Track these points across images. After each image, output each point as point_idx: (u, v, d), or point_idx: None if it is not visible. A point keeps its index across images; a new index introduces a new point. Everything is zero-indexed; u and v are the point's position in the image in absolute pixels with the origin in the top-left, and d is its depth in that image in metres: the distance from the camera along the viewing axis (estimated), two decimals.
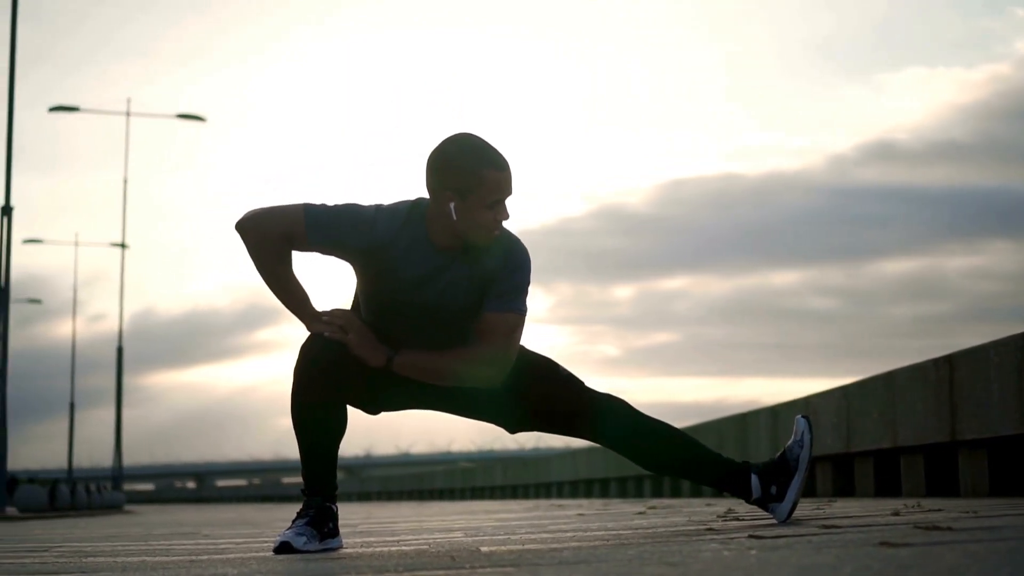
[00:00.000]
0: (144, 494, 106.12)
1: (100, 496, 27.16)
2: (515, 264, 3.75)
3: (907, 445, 7.77)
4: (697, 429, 13.62)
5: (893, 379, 8.01)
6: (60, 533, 8.27)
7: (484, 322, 3.73)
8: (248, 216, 3.76)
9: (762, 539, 2.88)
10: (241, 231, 3.76)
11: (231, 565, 3.35)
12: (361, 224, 3.69)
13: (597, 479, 19.35)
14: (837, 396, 9.22)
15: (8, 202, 19.41)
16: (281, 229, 3.70)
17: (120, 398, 35.85)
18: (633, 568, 2.24)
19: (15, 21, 20.20)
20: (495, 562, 2.75)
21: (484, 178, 3.62)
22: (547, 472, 23.93)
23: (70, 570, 3.57)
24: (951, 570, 1.76)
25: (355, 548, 3.94)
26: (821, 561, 2.06)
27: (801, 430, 3.90)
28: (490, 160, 3.64)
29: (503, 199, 3.67)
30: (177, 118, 34.78)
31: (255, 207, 3.77)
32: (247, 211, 3.78)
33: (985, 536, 2.46)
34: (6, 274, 19.27)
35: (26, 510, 21.90)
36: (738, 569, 2.04)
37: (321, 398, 3.74)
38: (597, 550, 2.95)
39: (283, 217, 3.70)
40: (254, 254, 3.77)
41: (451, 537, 4.47)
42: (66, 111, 33.05)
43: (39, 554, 4.77)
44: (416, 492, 39.66)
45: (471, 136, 3.71)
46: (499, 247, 3.75)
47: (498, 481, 29.20)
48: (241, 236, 3.77)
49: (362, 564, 3.03)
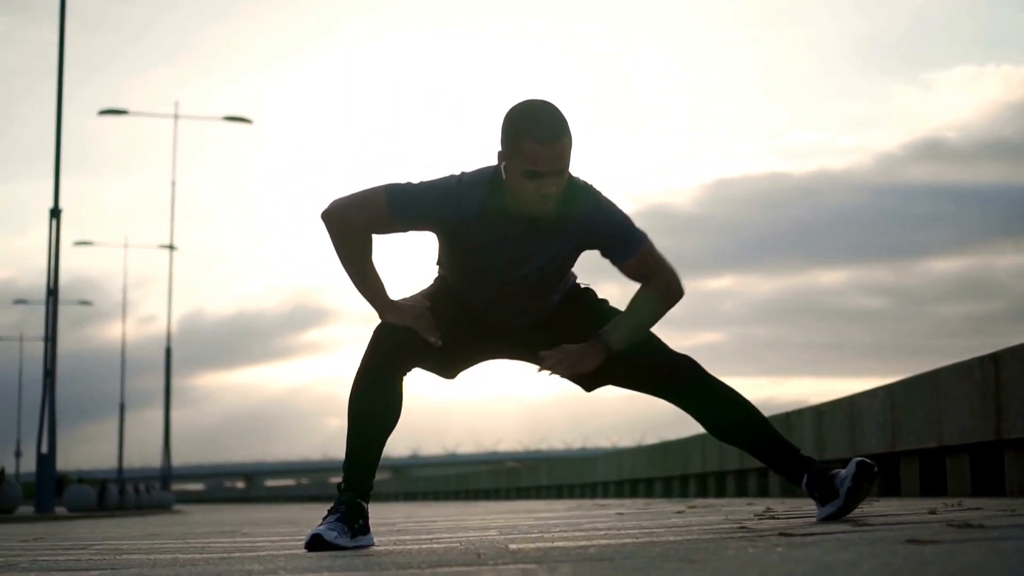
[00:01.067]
0: (194, 494, 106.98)
1: (149, 496, 27.39)
2: (606, 217, 3.75)
3: (952, 444, 7.67)
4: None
5: (938, 378, 7.91)
6: (103, 532, 8.32)
7: (632, 270, 3.80)
8: (333, 206, 3.77)
9: (791, 536, 2.84)
10: (327, 221, 3.78)
11: (259, 562, 3.35)
12: (446, 200, 3.69)
13: (642, 479, 19.27)
14: (882, 395, 9.12)
15: (57, 205, 19.60)
16: (365, 216, 3.72)
17: (169, 399, 36.17)
18: (654, 564, 2.21)
19: (63, 26, 20.40)
20: (519, 559, 2.72)
21: (521, 147, 3.58)
22: (592, 472, 23.86)
23: (101, 567, 3.58)
24: (972, 567, 1.72)
25: (386, 546, 3.92)
26: (843, 558, 2.02)
27: (854, 474, 3.71)
28: (534, 131, 3.56)
29: (542, 172, 3.57)
30: (224, 120, 35.02)
31: (339, 196, 3.79)
32: (332, 200, 3.79)
33: (1016, 534, 2.41)
34: (55, 276, 19.46)
35: (75, 510, 22.09)
36: (755, 566, 2.00)
37: (379, 387, 3.78)
38: (624, 547, 2.92)
39: (367, 203, 3.72)
40: (339, 244, 3.79)
41: (485, 535, 4.45)
42: (115, 114, 33.36)
43: (76, 552, 4.79)
44: (462, 492, 39.68)
45: (536, 103, 3.64)
46: (580, 210, 3.72)
47: (544, 481, 29.14)
48: (327, 226, 3.79)
49: (387, 561, 3.02)
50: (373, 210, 3.71)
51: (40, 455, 19.04)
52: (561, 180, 3.62)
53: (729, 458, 13.89)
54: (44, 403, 18.98)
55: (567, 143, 3.61)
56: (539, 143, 3.56)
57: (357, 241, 3.77)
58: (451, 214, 3.71)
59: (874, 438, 9.16)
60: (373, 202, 3.71)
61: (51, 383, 18.96)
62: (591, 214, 3.73)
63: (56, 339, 19.38)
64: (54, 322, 19.36)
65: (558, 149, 3.58)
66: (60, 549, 5.14)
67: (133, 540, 6.02)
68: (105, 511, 22.24)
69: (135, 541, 5.84)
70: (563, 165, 3.61)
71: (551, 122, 3.59)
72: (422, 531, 5.45)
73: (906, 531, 2.79)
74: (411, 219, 3.72)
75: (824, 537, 2.73)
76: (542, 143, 3.56)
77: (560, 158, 3.59)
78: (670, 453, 17.40)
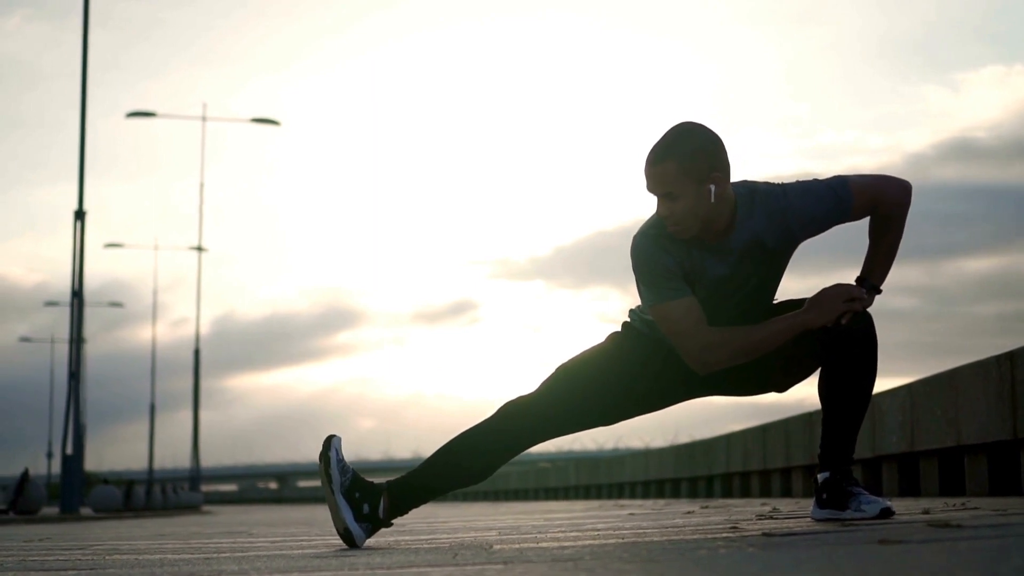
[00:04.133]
0: (227, 495, 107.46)
1: (176, 496, 27.49)
2: (794, 195, 3.69)
3: (970, 444, 7.57)
4: (767, 428, 13.45)
5: (956, 377, 7.80)
6: (115, 532, 8.33)
7: (860, 213, 3.73)
8: (702, 356, 3.69)
9: (771, 536, 2.78)
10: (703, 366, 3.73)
11: (239, 562, 3.31)
12: (666, 272, 3.67)
13: (668, 479, 19.21)
14: (901, 395, 9.02)
15: (81, 207, 19.69)
16: (696, 327, 3.66)
17: (197, 400, 36.32)
18: (610, 565, 2.15)
19: (87, 28, 20.50)
20: (491, 559, 2.68)
21: (645, 171, 3.65)
22: (620, 472, 23.81)
23: (80, 567, 3.56)
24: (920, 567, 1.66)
25: (376, 546, 3.88)
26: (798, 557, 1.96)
27: (868, 502, 3.64)
28: (648, 154, 3.66)
29: (654, 193, 3.64)
30: (252, 122, 35.15)
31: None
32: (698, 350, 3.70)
33: (987, 534, 2.34)
34: (80, 278, 19.55)
35: (100, 510, 22.17)
36: (711, 566, 1.94)
37: (494, 460, 4.00)
38: (603, 548, 2.87)
39: (694, 323, 3.66)
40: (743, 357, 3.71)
41: (482, 535, 4.41)
42: (143, 116, 33.54)
43: (71, 552, 4.77)
44: (491, 492, 39.69)
45: (676, 126, 3.69)
46: (749, 217, 3.66)
47: (572, 481, 29.12)
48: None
49: (360, 561, 2.97)
50: (691, 318, 3.65)
51: (65, 456, 19.14)
52: (674, 205, 3.61)
53: (752, 459, 13.80)
54: (69, 404, 19.08)
55: (670, 168, 3.60)
56: (648, 164, 3.65)
57: (718, 334, 3.66)
58: (677, 271, 3.67)
59: (894, 437, 9.07)
60: (690, 319, 3.66)
61: (76, 384, 19.05)
62: (780, 209, 3.67)
63: (81, 341, 19.47)
64: (79, 324, 19.46)
65: (659, 172, 3.61)
66: (59, 550, 5.12)
67: (137, 541, 6.00)
68: (131, 512, 22.32)
69: (139, 542, 5.82)
70: (667, 190, 3.61)
71: (659, 146, 3.64)
72: (425, 531, 5.42)
73: (886, 531, 2.72)
74: (687, 290, 3.68)
75: (802, 538, 2.66)
76: (647, 165, 3.65)
77: (661, 182, 3.61)
78: (695, 453, 17.33)
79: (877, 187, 3.73)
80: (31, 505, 16.87)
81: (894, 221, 3.78)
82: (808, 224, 3.69)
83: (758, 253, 3.69)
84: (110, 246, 42.18)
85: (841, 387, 3.70)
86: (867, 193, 3.71)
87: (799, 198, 3.67)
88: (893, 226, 3.79)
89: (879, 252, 3.80)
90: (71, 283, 19.63)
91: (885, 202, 3.74)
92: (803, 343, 3.69)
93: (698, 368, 3.68)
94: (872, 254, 3.81)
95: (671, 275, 3.65)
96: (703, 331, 3.63)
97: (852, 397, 3.70)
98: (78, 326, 19.42)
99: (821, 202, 3.67)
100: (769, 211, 3.66)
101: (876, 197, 3.73)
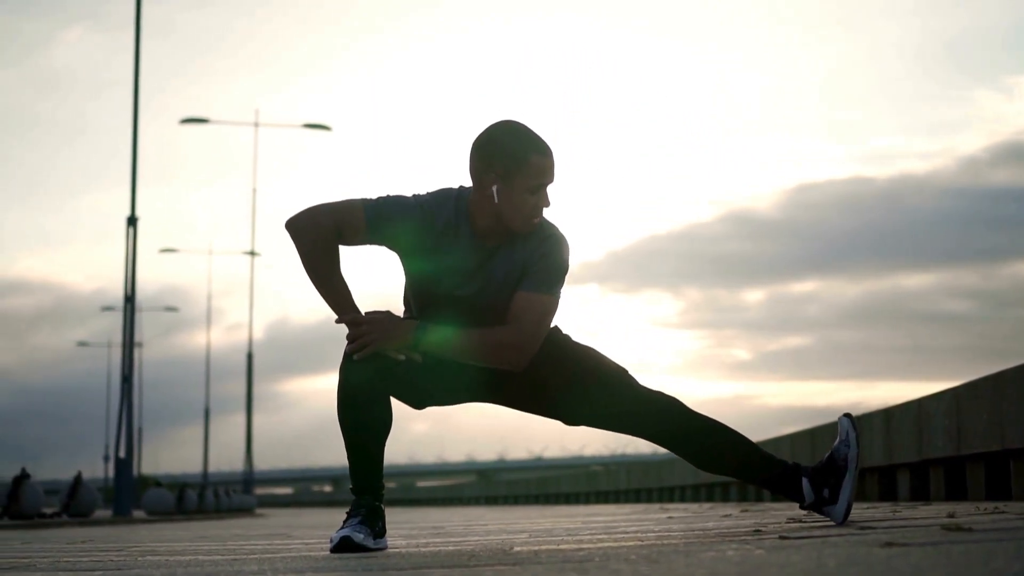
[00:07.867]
0: (282, 498, 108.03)
1: (229, 499, 27.67)
2: (549, 248, 3.74)
3: (1015, 447, 7.48)
4: (815, 432, 13.35)
5: (1001, 380, 7.72)
6: (159, 535, 8.41)
7: (514, 303, 3.70)
8: (301, 213, 3.75)
9: (786, 539, 2.77)
10: (292, 228, 3.74)
11: (260, 563, 3.34)
12: (415, 212, 3.70)
13: (718, 483, 19.09)
14: (948, 398, 8.94)
15: (133, 212, 19.89)
16: (336, 219, 3.70)
17: (251, 403, 36.57)
18: (610, 566, 2.15)
19: (139, 35, 20.71)
20: (504, 560, 2.69)
21: (529, 162, 3.65)
22: (670, 476, 23.70)
23: (107, 567, 3.60)
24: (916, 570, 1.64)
25: (407, 548, 3.90)
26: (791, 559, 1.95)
27: (845, 429, 3.79)
28: (535, 145, 3.69)
29: (545, 184, 3.69)
30: (303, 128, 35.37)
31: (307, 206, 3.76)
32: (301, 210, 3.77)
33: (996, 537, 2.31)
34: (132, 283, 19.76)
35: (153, 513, 22.38)
36: (704, 567, 1.94)
37: (364, 399, 3.73)
38: (617, 550, 2.86)
39: (340, 209, 3.71)
40: (306, 250, 3.74)
41: (511, 538, 4.41)
42: (196, 123, 33.84)
43: (108, 554, 4.83)
44: (542, 496, 39.62)
45: (517, 122, 3.76)
46: (536, 235, 3.74)
47: (622, 485, 29.01)
48: (292, 233, 3.75)
49: (374, 564, 2.99)
50: (345, 215, 3.69)
51: (118, 459, 19.34)
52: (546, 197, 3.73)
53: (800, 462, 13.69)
54: (122, 408, 19.28)
55: (552, 159, 3.74)
56: (543, 155, 3.69)
57: (326, 246, 3.72)
58: (420, 219, 3.69)
59: (940, 441, 8.98)
60: (347, 208, 3.71)
61: (128, 388, 19.25)
62: (533, 247, 3.73)
63: (133, 345, 19.68)
64: (131, 328, 19.67)
65: (553, 160, 3.72)
66: (96, 551, 5.18)
67: (177, 543, 6.06)
68: (184, 515, 22.50)
69: (178, 544, 5.88)
70: (552, 181, 3.73)
71: (539, 136, 3.73)
72: (456, 533, 5.43)
73: (897, 534, 2.70)
74: (381, 224, 3.68)
75: (812, 541, 2.65)
76: (545, 155, 3.69)
77: (554, 168, 3.72)
78: None
79: (529, 324, 3.66)
80: (83, 508, 17.05)
81: (488, 341, 3.67)
82: (528, 267, 3.71)
83: (507, 268, 3.73)
84: (165, 251, 42.55)
85: (710, 460, 3.88)
86: (527, 313, 3.65)
87: (549, 244, 3.71)
88: (482, 342, 3.67)
89: (456, 332, 3.69)
90: (123, 288, 19.85)
91: (508, 333, 3.67)
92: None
93: (523, 363, 3.69)
94: (452, 333, 3.70)
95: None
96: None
97: (718, 445, 3.85)
98: (130, 331, 19.63)
99: (545, 262, 3.69)
100: (541, 237, 3.73)
101: (519, 321, 3.65)
